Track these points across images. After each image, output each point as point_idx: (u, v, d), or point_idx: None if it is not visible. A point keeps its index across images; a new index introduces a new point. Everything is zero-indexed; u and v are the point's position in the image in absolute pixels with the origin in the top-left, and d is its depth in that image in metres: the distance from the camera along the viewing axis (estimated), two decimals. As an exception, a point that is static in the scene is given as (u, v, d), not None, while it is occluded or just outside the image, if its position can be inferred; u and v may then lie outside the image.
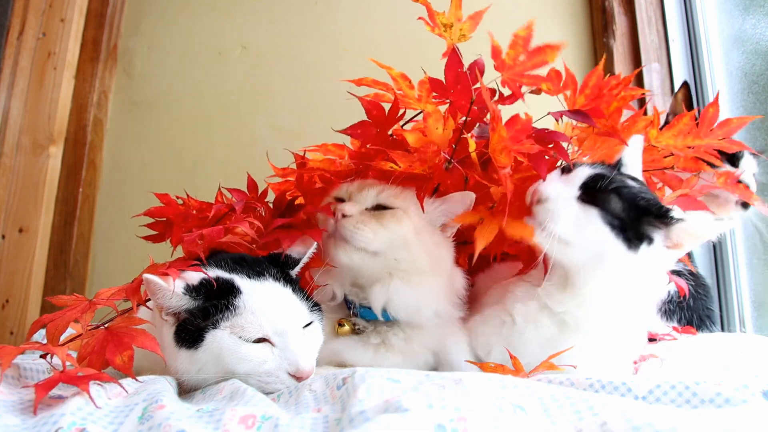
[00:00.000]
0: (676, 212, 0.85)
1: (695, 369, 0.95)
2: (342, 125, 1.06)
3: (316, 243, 0.90)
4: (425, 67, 1.01)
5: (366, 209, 0.97)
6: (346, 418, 0.53)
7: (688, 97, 1.40)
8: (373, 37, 2.12)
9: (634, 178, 0.93)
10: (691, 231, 0.84)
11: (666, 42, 1.95)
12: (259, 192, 1.11)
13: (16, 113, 2.12)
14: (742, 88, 1.69)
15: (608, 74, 1.04)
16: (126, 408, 0.62)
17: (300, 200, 1.11)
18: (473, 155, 0.98)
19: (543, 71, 1.00)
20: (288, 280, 0.84)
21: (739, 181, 1.09)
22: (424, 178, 1.00)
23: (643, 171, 1.06)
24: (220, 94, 2.20)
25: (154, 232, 1.09)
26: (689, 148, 1.04)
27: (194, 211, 1.07)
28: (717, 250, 1.71)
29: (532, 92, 1.07)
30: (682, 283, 1.12)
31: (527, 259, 1.02)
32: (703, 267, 1.69)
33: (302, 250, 0.89)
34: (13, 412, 0.61)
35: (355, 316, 0.99)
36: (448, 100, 1.00)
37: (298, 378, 0.76)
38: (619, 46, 1.98)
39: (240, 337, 0.75)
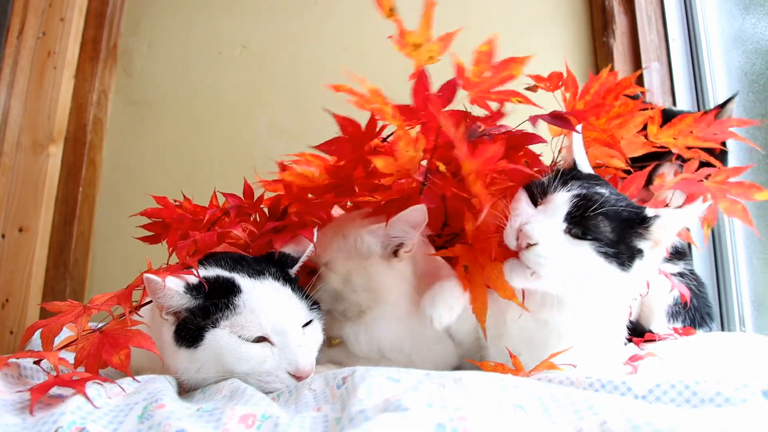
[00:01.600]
0: (648, 210, 0.81)
1: (695, 368, 0.95)
2: (341, 126, 1.06)
3: (315, 239, 0.89)
4: (438, 66, 0.98)
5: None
6: (346, 417, 0.53)
7: None
8: (373, 37, 2.12)
9: (596, 180, 0.87)
10: (668, 224, 0.80)
11: (666, 41, 1.95)
12: (255, 198, 1.10)
13: (16, 112, 2.12)
14: (742, 87, 1.69)
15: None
16: (126, 407, 0.62)
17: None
18: (446, 173, 0.95)
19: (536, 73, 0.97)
20: (287, 279, 0.84)
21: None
22: (403, 200, 0.97)
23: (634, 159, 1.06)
24: (219, 94, 2.20)
25: (150, 233, 1.10)
26: (688, 149, 1.02)
27: (189, 215, 1.08)
28: (717, 250, 1.71)
29: (528, 88, 1.05)
30: (684, 289, 1.13)
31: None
32: (703, 267, 1.69)
33: (300, 249, 0.89)
34: (12, 412, 0.61)
35: None
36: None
37: (298, 377, 0.76)
38: (619, 46, 1.98)
39: (240, 336, 0.75)
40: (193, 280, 0.76)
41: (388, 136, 1.04)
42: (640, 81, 1.93)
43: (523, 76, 0.96)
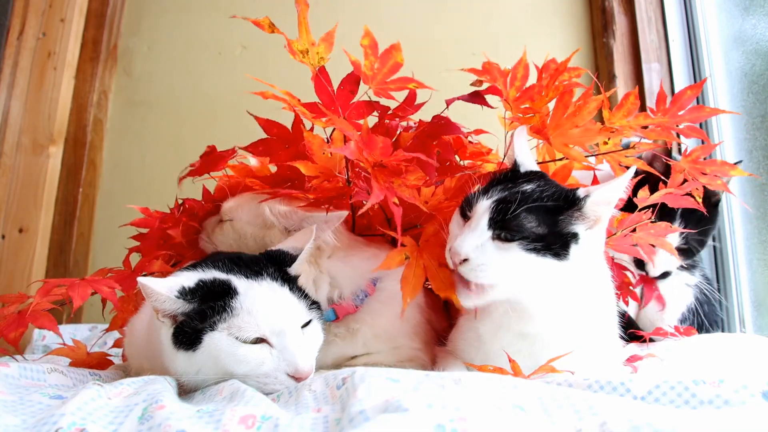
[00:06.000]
0: (579, 191, 0.82)
1: (695, 369, 0.94)
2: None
3: (312, 238, 0.89)
4: (439, 67, 1.00)
5: (220, 221, 1.06)
6: (346, 417, 0.53)
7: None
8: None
9: (529, 176, 0.89)
10: (601, 199, 0.81)
11: (666, 42, 1.95)
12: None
13: (16, 113, 2.12)
14: (742, 88, 1.69)
15: (607, 74, 1.05)
16: (126, 408, 0.62)
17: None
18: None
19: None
20: (285, 279, 0.83)
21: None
22: (333, 199, 1.00)
23: (604, 154, 1.08)
24: (220, 94, 2.20)
25: (138, 243, 1.13)
26: (644, 127, 1.03)
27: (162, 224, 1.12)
28: (717, 250, 1.71)
29: (472, 84, 1.07)
30: (683, 294, 1.20)
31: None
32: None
33: (299, 246, 0.89)
34: (13, 413, 0.61)
35: None
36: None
37: (297, 378, 0.75)
38: (619, 46, 1.98)
39: (237, 338, 0.74)
40: (187, 283, 0.76)
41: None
42: (640, 82, 1.93)
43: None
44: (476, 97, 0.98)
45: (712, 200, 1.22)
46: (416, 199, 0.94)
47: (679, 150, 1.25)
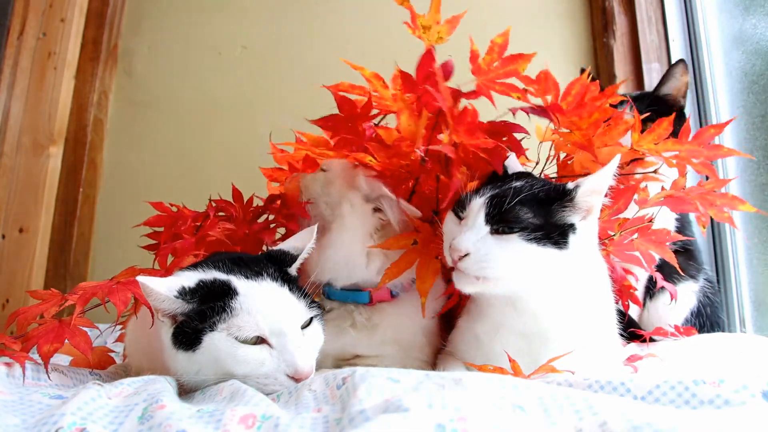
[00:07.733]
0: (569, 184, 0.85)
1: (695, 369, 0.94)
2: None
3: (314, 237, 0.89)
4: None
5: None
6: (346, 417, 0.53)
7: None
8: (373, 37, 2.12)
9: (518, 175, 0.91)
10: (591, 188, 0.83)
11: (666, 42, 1.95)
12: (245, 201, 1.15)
13: (17, 113, 2.12)
14: (742, 88, 1.69)
15: (608, 75, 1.04)
16: (126, 408, 0.62)
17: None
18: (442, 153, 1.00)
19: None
20: (286, 279, 0.83)
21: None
22: (401, 177, 1.03)
23: (624, 174, 1.07)
24: (220, 94, 2.20)
25: (153, 242, 1.11)
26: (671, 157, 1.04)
27: (181, 220, 1.11)
28: (717, 250, 1.71)
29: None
30: (687, 299, 1.22)
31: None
32: (704, 267, 1.69)
33: (299, 246, 0.89)
34: (13, 413, 0.61)
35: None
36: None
37: (297, 379, 0.75)
38: (619, 46, 1.98)
39: (237, 339, 0.74)
40: (187, 284, 0.76)
41: (381, 120, 1.09)
42: (640, 82, 1.93)
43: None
44: (539, 110, 1.00)
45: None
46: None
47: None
